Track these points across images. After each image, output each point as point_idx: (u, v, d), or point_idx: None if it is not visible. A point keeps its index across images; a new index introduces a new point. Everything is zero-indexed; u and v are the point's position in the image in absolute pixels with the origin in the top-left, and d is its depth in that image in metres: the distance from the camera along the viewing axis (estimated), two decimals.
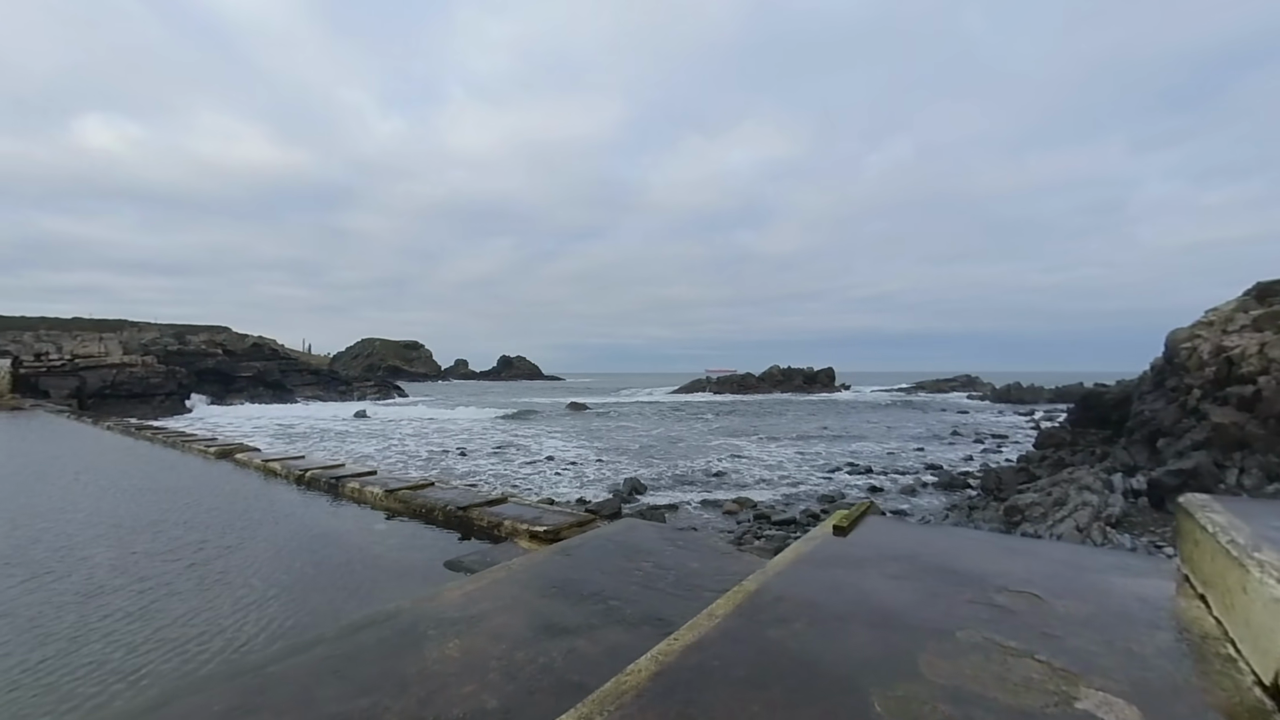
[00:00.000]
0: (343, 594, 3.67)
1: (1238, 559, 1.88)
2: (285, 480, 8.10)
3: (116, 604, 3.40)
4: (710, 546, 3.99)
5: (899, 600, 2.24)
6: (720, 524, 10.79)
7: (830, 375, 73.05)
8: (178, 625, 3.07)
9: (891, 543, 3.02)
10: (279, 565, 4.14)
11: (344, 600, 3.57)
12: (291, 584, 3.72)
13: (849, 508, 4.12)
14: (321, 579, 3.90)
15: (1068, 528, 7.29)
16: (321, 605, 3.49)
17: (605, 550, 3.92)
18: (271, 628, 3.12)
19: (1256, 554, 1.85)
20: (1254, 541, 1.99)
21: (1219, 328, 10.50)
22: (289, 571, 4.05)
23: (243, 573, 4.04)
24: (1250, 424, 8.63)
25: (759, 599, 2.24)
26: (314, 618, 3.22)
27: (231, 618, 3.19)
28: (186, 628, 3.05)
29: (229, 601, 3.51)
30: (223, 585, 3.77)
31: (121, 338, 39.38)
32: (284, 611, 3.31)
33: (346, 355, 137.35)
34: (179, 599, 3.55)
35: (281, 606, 3.38)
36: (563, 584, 3.26)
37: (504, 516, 5.39)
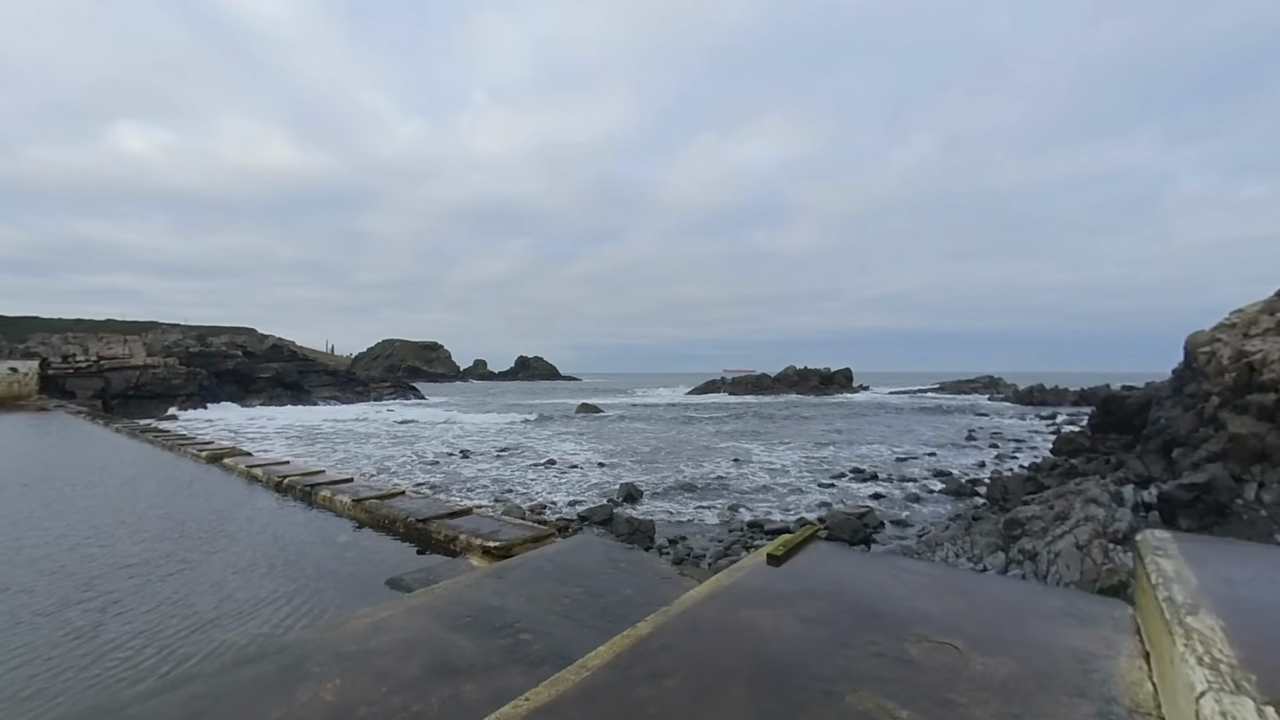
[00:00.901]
0: (291, 615, 3.59)
1: (1169, 622, 1.62)
2: (265, 487, 8.11)
3: (59, 623, 3.33)
4: (652, 570, 3.79)
5: (800, 649, 2.01)
6: (712, 532, 10.55)
7: (848, 376, 71.96)
8: (113, 650, 3.00)
9: (824, 576, 2.79)
10: (235, 583, 4.06)
11: (292, 622, 3.50)
12: (240, 607, 3.62)
13: (797, 530, 3.88)
14: (274, 596, 3.82)
15: (1066, 545, 6.90)
16: (264, 629, 3.41)
17: (541, 573, 3.74)
18: (206, 650, 3.04)
19: (1189, 619, 1.59)
20: (1194, 600, 1.72)
21: (1241, 331, 9.93)
22: (244, 587, 3.98)
23: (194, 590, 3.96)
24: (1271, 435, 8.11)
25: (644, 647, 2.04)
26: (251, 640, 3.15)
27: (174, 641, 3.12)
28: (123, 651, 2.98)
29: (176, 621, 3.43)
30: (171, 605, 3.70)
31: (145, 340, 40.45)
32: (223, 635, 3.24)
33: (368, 356, 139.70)
34: (122, 619, 3.49)
35: (224, 631, 3.29)
36: (480, 613, 3.09)
37: (461, 530, 5.25)
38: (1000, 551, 7.48)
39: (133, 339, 38.66)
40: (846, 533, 9.60)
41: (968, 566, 7.35)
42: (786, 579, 2.73)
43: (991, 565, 7.28)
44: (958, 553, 7.70)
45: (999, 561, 7.30)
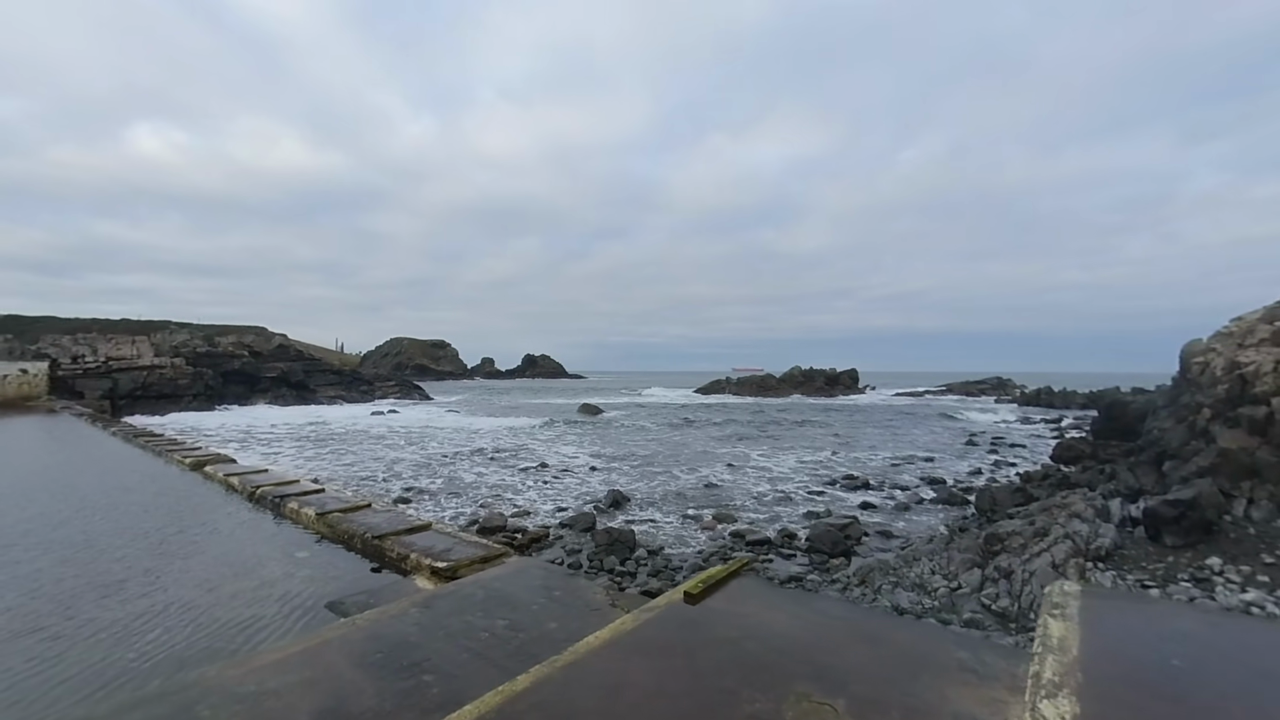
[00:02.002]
0: (233, 641, 3.59)
1: (1027, 704, 1.53)
2: (240, 496, 8.14)
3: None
4: (584, 601, 3.72)
5: (675, 712, 1.94)
6: (695, 542, 10.46)
7: (853, 377, 71.44)
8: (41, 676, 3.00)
9: (735, 619, 2.71)
10: (176, 605, 4.05)
11: (218, 647, 3.49)
12: (169, 634, 3.61)
13: (726, 562, 3.80)
14: (212, 621, 3.81)
15: (1042, 564, 6.75)
16: (189, 655, 3.41)
17: (470, 602, 3.69)
18: (118, 681, 3.03)
19: (1044, 703, 1.50)
20: (1060, 678, 1.63)
21: (1236, 340, 9.68)
22: (184, 609, 3.97)
23: (130, 611, 3.96)
24: (1261, 450, 7.89)
25: (512, 707, 1.97)
26: (162, 673, 3.14)
27: (82, 674, 3.11)
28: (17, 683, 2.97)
29: (99, 650, 3.42)
30: (95, 629, 3.69)
31: (153, 340, 40.91)
32: (140, 666, 3.23)
33: (376, 354, 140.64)
34: (36, 643, 3.49)
35: (142, 662, 3.29)
36: (394, 648, 3.04)
37: (414, 548, 5.21)
38: (977, 569, 7.34)
39: (140, 339, 39.12)
40: (827, 545, 9.48)
41: (943, 585, 7.22)
42: (695, 623, 2.66)
43: (966, 583, 7.14)
44: (934, 569, 7.57)
45: (974, 579, 7.16)
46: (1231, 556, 6.96)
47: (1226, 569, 6.71)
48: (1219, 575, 6.63)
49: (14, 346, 35.81)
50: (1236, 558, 6.93)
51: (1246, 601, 6.03)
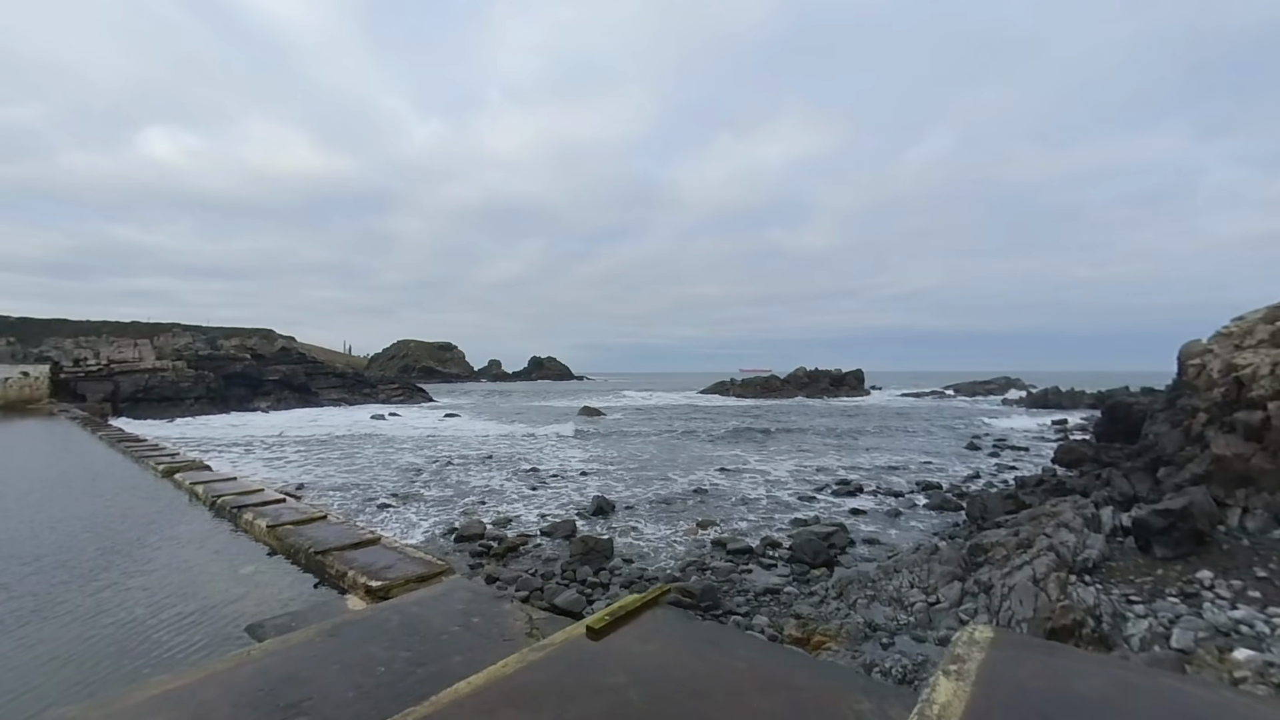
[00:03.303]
0: (121, 668, 3.38)
1: None
2: (204, 505, 8.00)
3: None
4: (502, 629, 3.50)
5: None
6: (675, 549, 10.22)
7: (859, 377, 70.84)
8: None
9: (634, 659, 2.48)
10: (104, 621, 3.88)
11: (115, 679, 3.28)
12: (79, 659, 3.42)
13: (647, 590, 3.57)
14: (129, 644, 3.62)
15: (1023, 578, 6.47)
16: (70, 694, 3.21)
17: (381, 630, 3.47)
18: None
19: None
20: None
21: (1234, 342, 9.32)
22: (104, 631, 3.79)
23: (45, 633, 3.78)
24: (1257, 456, 7.55)
25: None
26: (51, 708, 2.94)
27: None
28: None
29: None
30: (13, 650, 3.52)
31: (156, 343, 41.18)
32: (34, 702, 3.04)
33: (383, 357, 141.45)
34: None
35: (35, 699, 3.09)
36: (278, 685, 2.82)
37: (354, 564, 5.00)
38: (957, 582, 7.05)
39: (142, 342, 39.40)
40: (809, 555, 9.22)
41: (920, 599, 6.94)
42: (584, 666, 2.44)
43: (945, 598, 6.86)
44: (912, 582, 7.29)
45: (954, 593, 6.88)
46: (1223, 570, 6.64)
47: (1217, 583, 6.39)
48: (1209, 590, 6.32)
49: (17, 350, 36.15)
50: (1228, 571, 6.61)
51: (1235, 619, 5.72)
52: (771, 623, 6.91)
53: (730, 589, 8.17)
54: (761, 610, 7.39)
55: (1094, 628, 5.77)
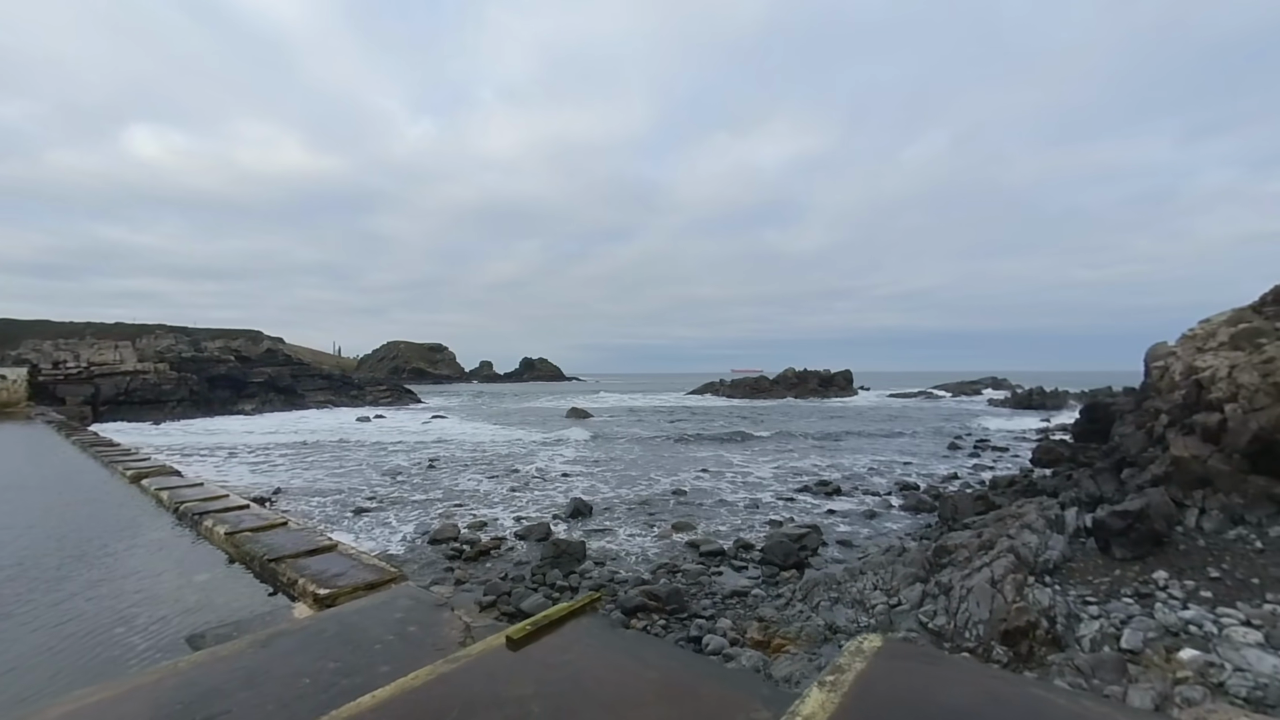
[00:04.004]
0: (76, 684, 3.34)
1: None
2: (168, 511, 7.92)
3: None
4: (435, 639, 3.49)
5: None
6: (648, 551, 10.24)
7: (848, 378, 71.23)
8: None
9: (550, 670, 2.49)
10: (69, 644, 3.84)
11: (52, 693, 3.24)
12: (38, 683, 3.38)
13: (577, 597, 3.59)
14: (68, 661, 3.58)
15: (982, 579, 6.54)
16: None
17: (316, 639, 3.46)
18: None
19: None
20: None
21: (1196, 344, 9.47)
22: (41, 645, 3.75)
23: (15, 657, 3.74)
24: (1214, 458, 7.67)
25: None
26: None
27: None
28: None
29: None
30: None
31: (138, 345, 40.69)
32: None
33: (373, 358, 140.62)
34: None
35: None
36: (198, 699, 2.80)
37: (306, 572, 4.97)
38: (919, 583, 7.11)
39: (124, 345, 38.90)
40: (779, 557, 9.27)
41: (882, 601, 7.00)
42: (495, 677, 2.44)
43: (907, 600, 6.92)
44: (876, 584, 7.35)
45: (915, 595, 6.94)
46: (1178, 570, 6.75)
47: (1171, 583, 6.49)
48: (1162, 590, 6.41)
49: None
50: (1183, 571, 6.71)
51: (1185, 619, 5.81)
52: (735, 625, 6.94)
53: (699, 592, 8.19)
54: (727, 613, 7.42)
55: (1048, 629, 5.84)
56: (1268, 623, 5.54)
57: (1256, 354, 8.05)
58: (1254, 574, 6.39)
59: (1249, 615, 5.71)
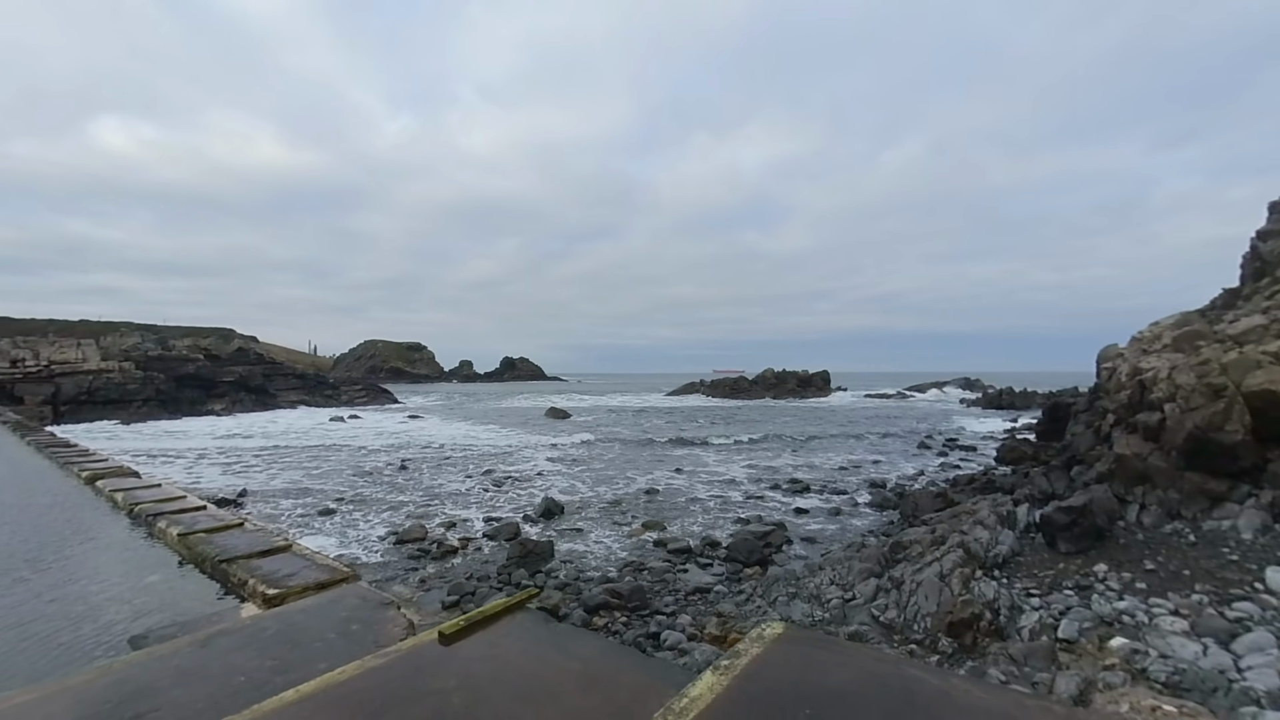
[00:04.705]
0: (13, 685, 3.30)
1: None
2: (123, 513, 7.78)
3: None
4: (377, 636, 3.54)
5: None
6: (616, 550, 10.32)
7: (825, 378, 72.14)
8: None
9: (477, 664, 2.56)
10: (6, 647, 3.78)
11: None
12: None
13: (516, 592, 3.66)
14: (12, 665, 3.53)
15: (931, 574, 6.76)
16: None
17: (253, 639, 3.47)
18: None
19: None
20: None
21: (1142, 346, 9.88)
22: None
23: None
24: (1154, 455, 8.03)
25: None
26: None
27: None
28: None
29: None
30: None
31: (102, 343, 39.52)
32: None
33: (350, 357, 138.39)
34: None
35: None
36: (128, 699, 2.78)
37: (256, 573, 4.96)
38: (873, 578, 7.32)
39: (87, 343, 37.74)
40: (743, 554, 9.43)
41: (837, 596, 7.19)
42: (422, 672, 2.51)
43: (861, 594, 7.12)
44: (832, 580, 7.54)
45: (869, 590, 7.13)
46: (1117, 563, 7.05)
47: (1109, 576, 6.78)
48: (1101, 582, 6.69)
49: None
50: (1122, 564, 7.01)
51: (1119, 609, 6.08)
52: (694, 621, 7.06)
53: (663, 589, 8.30)
54: (688, 609, 7.54)
55: (991, 620, 6.07)
56: (1194, 612, 5.83)
57: (1194, 356, 8.43)
58: (1185, 566, 6.70)
59: (1177, 605, 6.00)
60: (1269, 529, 6.86)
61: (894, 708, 1.66)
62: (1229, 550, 6.72)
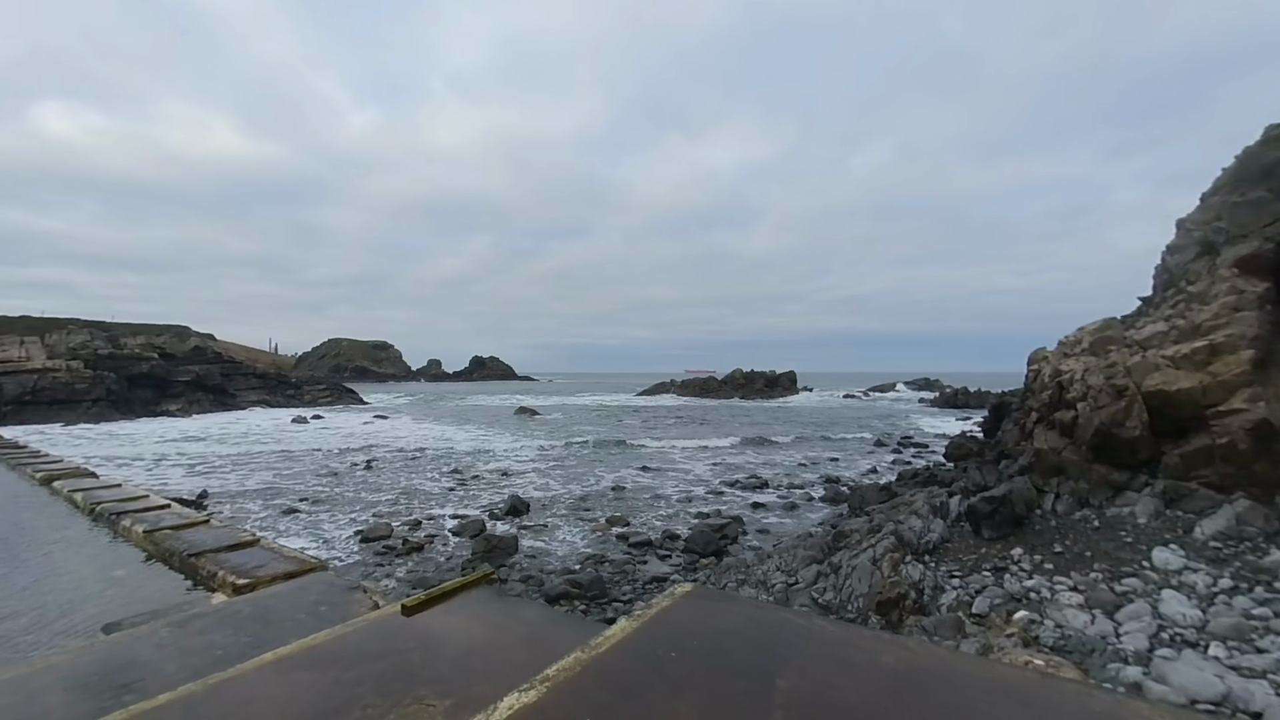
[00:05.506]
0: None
1: (516, 694, 1.85)
2: (83, 513, 7.81)
3: None
4: (344, 615, 3.88)
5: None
6: (580, 544, 10.71)
7: (791, 378, 73.75)
8: None
9: (436, 632, 2.95)
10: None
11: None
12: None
13: (472, 571, 4.06)
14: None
15: (866, 558, 7.38)
16: None
17: (228, 620, 3.76)
18: None
19: (515, 694, 1.81)
20: (559, 671, 1.96)
21: (1064, 349, 10.77)
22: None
23: None
24: (1068, 449, 8.84)
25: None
26: None
27: None
28: None
29: None
30: None
31: (47, 341, 37.86)
32: None
33: (313, 356, 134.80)
34: None
35: None
36: (114, 671, 3.07)
37: (226, 565, 5.19)
38: (815, 564, 7.91)
39: (30, 340, 36.12)
40: (700, 546, 9.94)
41: (781, 581, 7.75)
42: (388, 634, 2.88)
43: (803, 579, 7.69)
44: (778, 566, 8.11)
45: (810, 575, 7.72)
46: (1031, 547, 7.78)
47: (1023, 558, 7.50)
48: (1015, 564, 7.41)
49: None
50: (1035, 548, 7.75)
51: (1027, 587, 6.79)
52: None
53: (622, 579, 8.74)
54: (644, 597, 7.98)
55: (915, 599, 6.69)
56: (1089, 588, 6.55)
57: (1104, 358, 9.29)
58: (1088, 548, 7.46)
59: (1077, 582, 6.72)
60: (1160, 514, 7.69)
61: (763, 638, 2.12)
62: (1125, 533, 7.51)
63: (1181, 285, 10.27)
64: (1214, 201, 10.75)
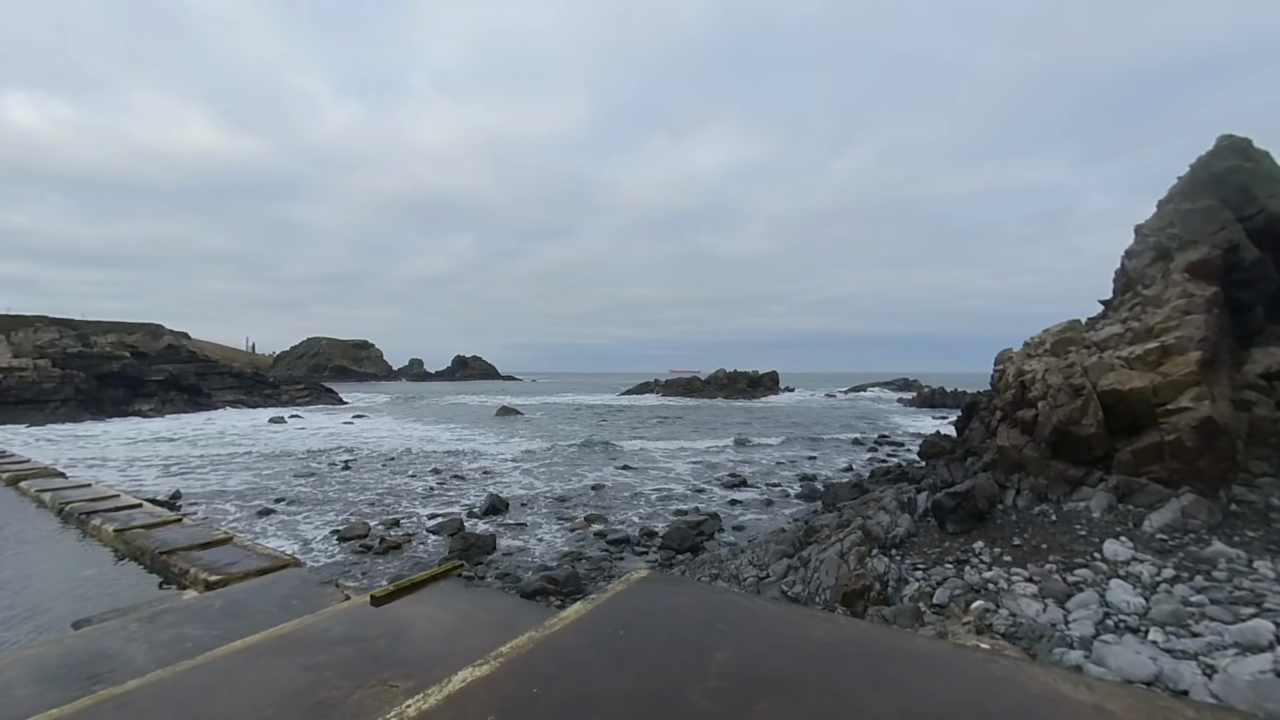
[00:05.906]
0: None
1: (469, 668, 1.98)
2: (51, 512, 7.72)
3: None
4: (314, 608, 3.96)
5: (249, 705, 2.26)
6: (558, 542, 10.81)
7: (774, 379, 74.44)
8: None
9: (402, 620, 3.06)
10: None
11: None
12: None
13: (441, 563, 4.17)
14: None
15: (833, 552, 7.61)
16: None
17: (199, 614, 3.84)
18: None
19: (468, 669, 1.95)
20: (514, 650, 2.09)
21: (1029, 350, 11.16)
22: None
23: None
24: (1028, 447, 9.18)
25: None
26: None
27: None
28: None
29: None
30: None
31: (13, 339, 36.82)
32: None
33: (291, 355, 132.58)
34: None
35: None
36: (84, 662, 3.15)
37: (199, 563, 5.22)
38: (786, 559, 8.12)
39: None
40: (677, 541, 10.11)
41: (753, 574, 7.96)
42: (356, 622, 2.99)
43: (774, 573, 7.90)
44: (751, 561, 8.31)
45: (781, 568, 7.93)
46: (992, 540, 8.09)
47: (984, 551, 7.80)
48: (976, 557, 7.70)
49: None
50: (996, 541, 8.06)
51: (986, 579, 7.07)
52: None
53: (598, 576, 8.86)
54: None
55: (880, 590, 6.92)
56: (1044, 578, 6.84)
57: (1064, 359, 9.66)
58: (1045, 541, 7.78)
59: (1032, 573, 7.02)
60: (1113, 508, 8.04)
61: (708, 617, 2.28)
62: (1080, 527, 7.84)
63: (1138, 289, 10.70)
64: (1168, 209, 11.22)
